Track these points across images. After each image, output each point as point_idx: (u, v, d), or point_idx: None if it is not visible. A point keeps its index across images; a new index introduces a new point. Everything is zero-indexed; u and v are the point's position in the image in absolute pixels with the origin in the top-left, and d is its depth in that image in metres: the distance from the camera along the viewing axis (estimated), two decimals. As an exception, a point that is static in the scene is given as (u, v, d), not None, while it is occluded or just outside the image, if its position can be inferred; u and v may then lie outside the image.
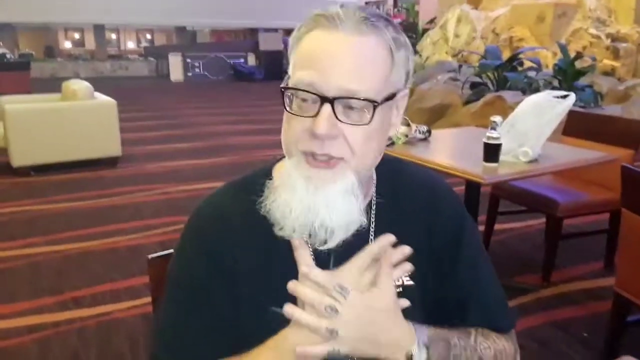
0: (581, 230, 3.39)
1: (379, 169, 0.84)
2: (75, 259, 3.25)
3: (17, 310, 2.65)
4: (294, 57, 0.77)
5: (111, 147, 5.48)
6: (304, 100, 0.74)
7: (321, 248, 0.79)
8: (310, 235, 0.78)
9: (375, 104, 0.73)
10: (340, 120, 0.73)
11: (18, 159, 5.05)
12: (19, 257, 3.27)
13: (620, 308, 2.06)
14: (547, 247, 2.86)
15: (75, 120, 5.28)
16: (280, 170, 0.86)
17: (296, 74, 0.75)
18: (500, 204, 3.24)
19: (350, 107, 0.73)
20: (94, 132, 5.35)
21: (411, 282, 0.86)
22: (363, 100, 0.73)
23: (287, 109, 0.76)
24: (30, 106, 5.32)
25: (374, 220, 0.85)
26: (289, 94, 0.75)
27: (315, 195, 0.75)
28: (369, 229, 0.84)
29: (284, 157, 0.88)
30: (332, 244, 0.78)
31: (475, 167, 2.33)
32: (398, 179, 0.88)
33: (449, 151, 2.96)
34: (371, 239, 0.83)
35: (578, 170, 2.80)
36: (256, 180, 0.85)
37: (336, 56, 0.73)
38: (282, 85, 0.76)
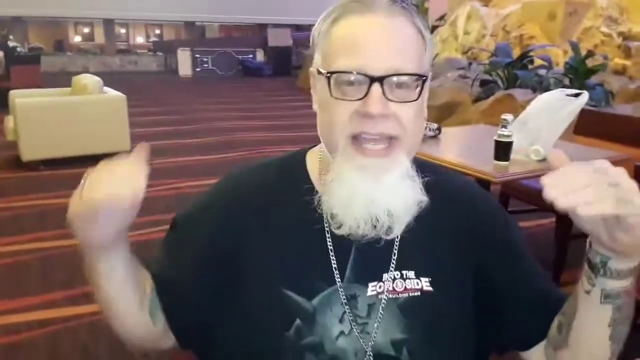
0: (592, 230, 3.37)
1: (417, 170, 0.81)
2: (85, 254, 3.26)
3: (28, 305, 2.67)
4: (327, 46, 0.78)
5: (121, 141, 5.48)
6: (349, 84, 0.74)
7: (387, 237, 0.78)
8: (374, 227, 0.76)
9: (424, 78, 0.76)
10: (389, 100, 0.73)
11: (28, 153, 5.08)
12: (29, 251, 3.29)
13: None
14: (557, 246, 2.84)
15: (85, 114, 5.29)
16: (314, 160, 0.87)
17: (338, 61, 0.75)
18: (510, 203, 3.23)
19: (398, 86, 0.74)
20: (104, 127, 5.36)
21: (431, 289, 0.83)
22: (411, 75, 0.74)
23: (331, 95, 0.75)
24: (40, 100, 5.35)
25: None
26: (332, 81, 0.75)
27: (375, 185, 0.74)
28: None
29: (309, 147, 0.91)
30: (397, 231, 0.77)
31: (485, 165, 2.32)
32: (436, 182, 0.84)
33: (459, 149, 2.94)
34: (398, 235, 0.81)
35: (590, 169, 2.78)
36: (292, 165, 0.88)
37: (377, 37, 0.74)
38: (324, 70, 0.76)
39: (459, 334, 0.84)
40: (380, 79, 0.72)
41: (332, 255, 0.81)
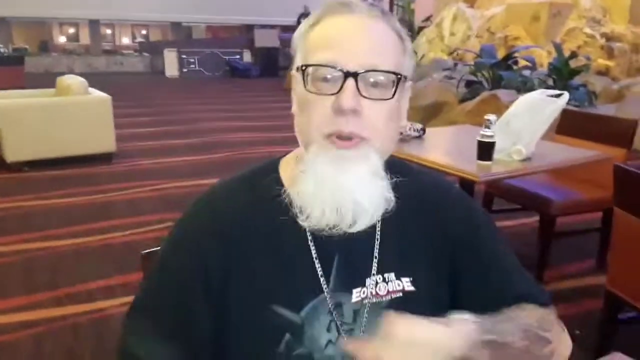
0: (574, 228, 3.41)
1: (388, 171, 0.81)
2: (69, 255, 3.25)
3: (11, 306, 2.65)
4: (307, 44, 0.78)
5: (105, 142, 5.46)
6: (324, 79, 0.74)
7: (351, 230, 0.77)
8: (340, 218, 0.75)
9: (398, 76, 0.75)
10: (363, 97, 0.73)
11: (12, 154, 5.03)
12: (13, 252, 3.27)
13: (611, 306, 2.08)
14: (540, 245, 2.88)
15: (70, 115, 5.25)
16: (287, 166, 0.86)
17: (314, 56, 0.75)
18: (494, 202, 3.26)
19: (373, 85, 0.74)
20: (88, 128, 5.33)
21: (413, 288, 0.83)
22: (386, 72, 0.74)
23: (306, 88, 0.75)
24: (24, 101, 5.30)
25: (379, 221, 0.82)
26: (306, 75, 0.75)
27: (344, 175, 0.74)
28: (375, 230, 0.83)
29: (285, 154, 0.89)
30: (361, 225, 0.77)
31: (469, 165, 2.34)
32: (405, 180, 0.84)
33: (443, 149, 2.97)
34: (377, 239, 0.83)
35: (571, 168, 2.82)
36: (264, 174, 0.85)
37: (355, 35, 0.75)
38: (299, 65, 0.77)
39: None
40: (355, 75, 0.72)
41: (318, 265, 0.81)
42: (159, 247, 0.88)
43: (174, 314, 0.80)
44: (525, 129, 2.48)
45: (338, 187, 0.74)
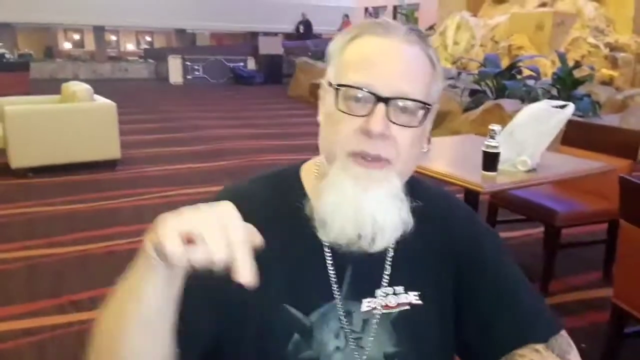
0: (579, 240, 3.40)
1: (406, 192, 0.82)
2: (74, 262, 3.25)
3: (14, 313, 2.64)
4: (342, 60, 0.79)
5: (110, 149, 5.48)
6: (356, 100, 0.76)
7: (370, 251, 0.79)
8: (359, 236, 0.77)
9: (428, 106, 0.77)
10: (392, 122, 0.75)
11: (17, 161, 5.05)
12: (17, 259, 3.27)
13: (618, 319, 2.07)
14: (545, 256, 2.87)
15: (75, 122, 5.28)
16: (308, 173, 0.88)
17: (348, 75, 0.77)
18: (499, 213, 3.25)
19: (402, 110, 0.76)
20: (93, 135, 5.34)
21: (420, 302, 0.85)
22: (417, 101, 0.76)
23: (337, 107, 0.77)
24: (29, 107, 5.32)
25: None
26: (338, 93, 0.76)
27: (365, 195, 0.76)
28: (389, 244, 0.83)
29: (305, 161, 0.91)
30: (379, 246, 0.79)
31: (474, 176, 2.34)
32: (414, 195, 0.84)
33: (447, 159, 2.96)
34: (389, 253, 0.85)
35: (576, 180, 2.81)
36: (285, 180, 0.87)
37: (390, 59, 0.76)
38: (334, 83, 0.78)
39: (443, 343, 0.87)
40: (386, 100, 0.74)
41: (332, 272, 0.83)
42: None
43: (190, 317, 0.77)
44: (529, 139, 2.48)
45: (359, 206, 0.76)
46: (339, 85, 0.76)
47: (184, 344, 0.75)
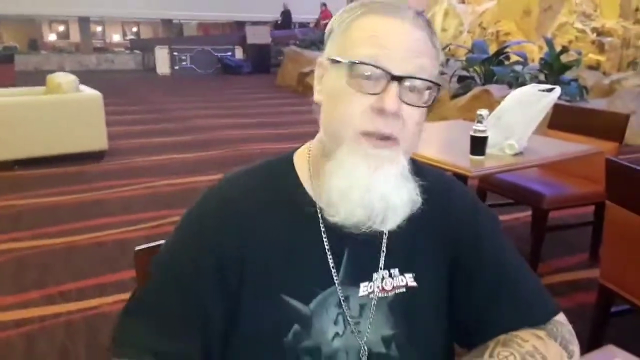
0: (567, 222, 3.43)
1: (415, 173, 0.82)
2: (61, 254, 3.23)
3: (3, 305, 2.63)
4: (348, 36, 0.78)
5: (97, 140, 5.43)
6: (367, 78, 0.74)
7: (381, 229, 0.78)
8: (369, 218, 0.76)
9: (438, 85, 0.77)
10: (403, 101, 0.74)
11: (2, 153, 4.98)
12: (4, 251, 3.24)
13: (604, 299, 2.09)
14: (533, 239, 2.89)
15: (60, 113, 5.22)
16: (302, 160, 0.87)
17: (358, 51, 0.75)
18: (487, 197, 3.27)
19: (410, 89, 0.75)
20: (80, 126, 5.29)
21: (415, 284, 0.85)
22: (428, 81, 0.76)
23: (348, 84, 0.75)
24: (14, 99, 5.25)
25: None
26: (348, 69, 0.75)
27: (376, 175, 0.75)
28: None
29: (295, 150, 0.89)
30: (391, 224, 0.78)
31: (462, 160, 2.34)
32: (415, 175, 0.84)
33: (436, 144, 2.96)
34: (385, 234, 0.84)
35: (563, 163, 2.83)
36: (279, 168, 0.86)
37: (401, 39, 0.75)
38: (342, 59, 0.76)
39: (437, 325, 0.87)
40: (400, 78, 0.74)
41: (330, 258, 0.82)
42: (166, 242, 0.85)
43: (186, 313, 0.79)
44: (517, 123, 2.49)
45: (370, 188, 0.75)
46: (351, 61, 0.75)
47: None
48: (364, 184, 0.75)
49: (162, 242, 1.00)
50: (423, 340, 0.85)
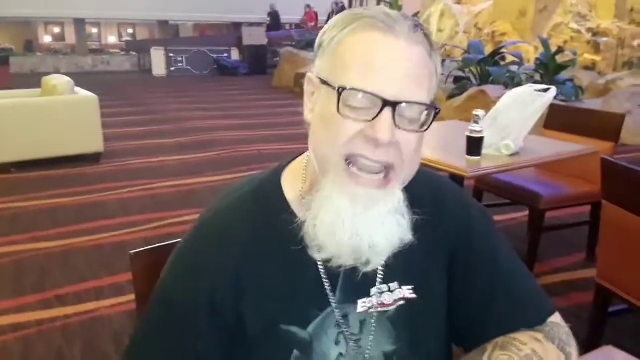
0: (563, 222, 3.44)
1: (408, 200, 0.78)
2: (59, 256, 3.22)
3: (0, 309, 2.62)
4: (339, 55, 0.73)
5: (93, 142, 5.42)
6: (359, 104, 0.70)
7: (365, 270, 0.76)
8: (355, 260, 0.74)
9: (436, 110, 0.73)
10: (397, 127, 0.70)
11: (-1, 156, 4.98)
12: (1, 254, 3.23)
13: (601, 299, 2.09)
14: (529, 239, 2.90)
15: (56, 115, 5.21)
16: (291, 181, 0.83)
17: (350, 75, 0.70)
18: (484, 198, 3.27)
19: (406, 115, 0.71)
20: (76, 128, 5.27)
21: (414, 296, 0.83)
22: (425, 105, 0.71)
23: (339, 111, 0.70)
24: (9, 102, 5.23)
25: None
26: (342, 96, 0.70)
27: (364, 217, 0.72)
28: None
29: (285, 165, 0.86)
30: (374, 265, 0.76)
31: (458, 161, 2.35)
32: (427, 219, 0.81)
33: (432, 145, 2.96)
34: None
35: (560, 163, 2.83)
36: (266, 193, 0.82)
37: (395, 61, 0.70)
38: (334, 84, 0.71)
39: (439, 334, 0.86)
40: (394, 104, 0.69)
41: (325, 281, 0.79)
42: (161, 280, 0.82)
43: (181, 352, 0.78)
44: (513, 123, 2.49)
45: (356, 232, 0.72)
46: (342, 87, 0.70)
47: None
48: (350, 227, 0.71)
49: (159, 244, 1.00)
50: (425, 351, 0.84)
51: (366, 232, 0.72)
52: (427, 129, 0.73)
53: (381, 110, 0.69)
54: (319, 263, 0.79)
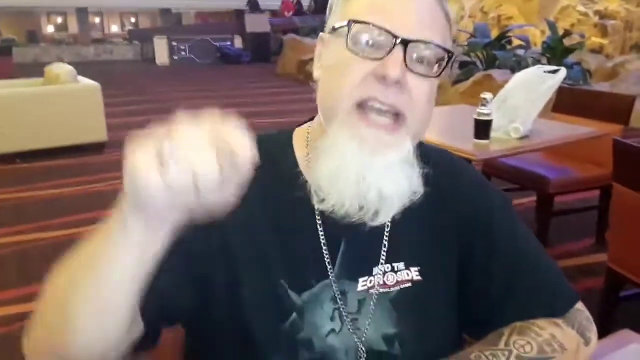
0: (572, 206, 3.40)
1: (420, 158, 0.73)
2: (64, 246, 3.13)
3: (6, 298, 2.62)
4: (350, 6, 0.71)
5: (97, 132, 5.40)
6: (369, 41, 0.67)
7: (371, 224, 0.71)
8: (360, 208, 0.69)
9: (450, 54, 0.69)
10: (409, 70, 0.67)
11: (3, 146, 4.96)
12: (7, 244, 3.23)
13: (613, 283, 2.07)
14: (538, 224, 2.86)
15: (59, 104, 5.19)
16: (300, 139, 0.80)
17: (362, 12, 0.68)
18: (492, 181, 3.24)
19: (418, 60, 0.68)
20: (79, 117, 5.26)
21: (420, 278, 0.78)
22: (440, 47, 0.68)
23: (347, 46, 0.68)
24: (12, 91, 5.22)
25: None
26: (349, 33, 0.67)
27: (371, 161, 0.67)
28: None
29: (299, 125, 0.83)
30: (383, 218, 0.70)
31: (466, 144, 2.31)
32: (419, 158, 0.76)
33: (439, 129, 2.93)
34: (387, 225, 0.77)
35: (568, 146, 2.79)
36: (276, 145, 0.80)
37: (408, 3, 0.68)
38: (343, 22, 0.69)
39: (447, 319, 0.81)
40: (406, 42, 0.66)
41: (325, 249, 0.76)
42: None
43: (187, 270, 0.72)
44: (522, 105, 2.45)
45: (362, 175, 0.67)
46: (352, 20, 0.67)
47: (149, 313, 0.66)
48: (355, 170, 0.67)
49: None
50: (431, 337, 0.79)
51: (373, 178, 0.67)
52: (439, 75, 0.70)
53: (392, 48, 0.66)
54: (320, 230, 0.75)
